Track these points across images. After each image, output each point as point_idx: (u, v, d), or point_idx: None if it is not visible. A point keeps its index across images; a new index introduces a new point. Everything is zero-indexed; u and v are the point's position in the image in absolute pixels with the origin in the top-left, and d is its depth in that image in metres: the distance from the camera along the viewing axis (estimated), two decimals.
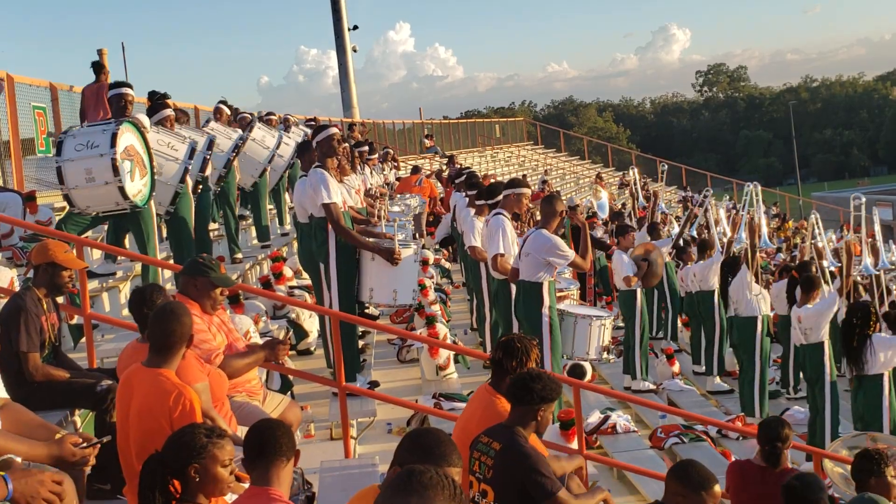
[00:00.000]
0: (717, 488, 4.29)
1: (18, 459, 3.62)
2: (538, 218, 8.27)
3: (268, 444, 3.71)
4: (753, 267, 10.98)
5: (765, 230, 12.65)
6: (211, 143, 9.37)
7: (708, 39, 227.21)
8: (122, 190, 7.29)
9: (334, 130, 8.15)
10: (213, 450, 3.70)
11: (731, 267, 11.48)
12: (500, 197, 8.49)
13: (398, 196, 16.04)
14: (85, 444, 3.77)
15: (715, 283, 12.50)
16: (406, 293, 7.98)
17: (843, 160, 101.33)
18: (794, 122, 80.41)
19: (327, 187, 7.70)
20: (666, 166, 25.11)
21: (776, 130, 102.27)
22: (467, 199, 11.01)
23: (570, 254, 7.76)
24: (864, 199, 12.42)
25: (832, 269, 12.82)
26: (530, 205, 7.77)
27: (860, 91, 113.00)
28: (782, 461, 6.11)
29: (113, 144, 7.23)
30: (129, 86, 8.38)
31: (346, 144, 11.17)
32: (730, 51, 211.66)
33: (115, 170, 7.21)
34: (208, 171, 9.76)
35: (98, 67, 12.61)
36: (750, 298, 10.97)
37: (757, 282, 11.41)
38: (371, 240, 8.04)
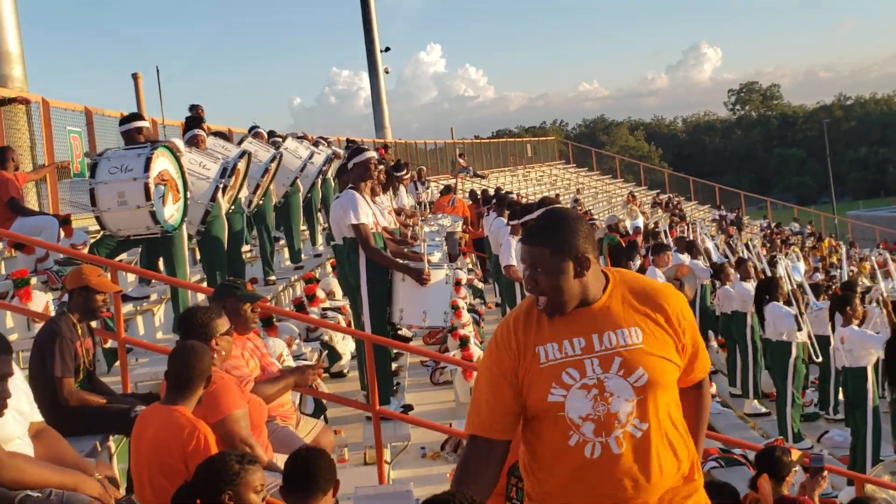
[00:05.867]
0: None
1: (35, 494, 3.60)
2: None
3: (306, 476, 3.64)
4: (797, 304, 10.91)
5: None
6: (243, 155, 9.35)
7: (739, 58, 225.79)
8: (153, 214, 7.29)
9: (372, 155, 8.16)
10: (246, 476, 3.66)
11: (767, 288, 11.32)
12: (531, 217, 8.40)
13: (430, 216, 16.01)
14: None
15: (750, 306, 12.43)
16: (436, 315, 7.90)
17: (879, 178, 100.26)
18: (828, 141, 79.72)
19: (356, 208, 7.68)
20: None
21: (810, 149, 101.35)
22: (502, 219, 10.98)
23: None
24: None
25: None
26: None
27: (895, 109, 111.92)
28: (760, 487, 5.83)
29: (147, 169, 7.23)
30: (142, 117, 8.40)
31: (382, 166, 11.17)
32: (761, 69, 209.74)
33: (148, 194, 7.22)
34: (242, 194, 9.76)
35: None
36: (785, 322, 10.84)
37: (793, 303, 11.28)
38: (402, 261, 8.01)
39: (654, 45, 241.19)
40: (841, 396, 12.40)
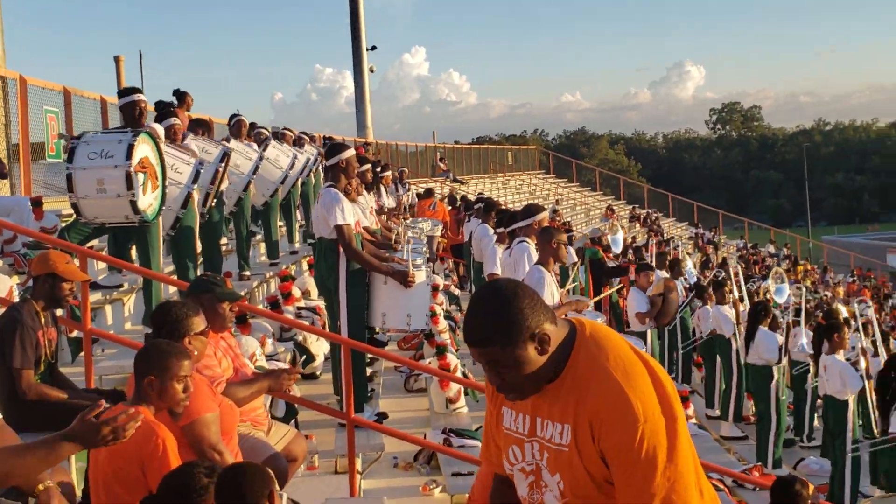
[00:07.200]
0: None
1: None
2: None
3: (235, 495, 3.33)
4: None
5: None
6: (224, 156, 9.05)
7: (722, 78, 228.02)
8: (133, 204, 6.96)
9: (352, 153, 7.87)
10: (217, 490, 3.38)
11: (757, 314, 11.14)
12: (523, 224, 8.15)
13: (410, 219, 15.77)
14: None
15: (731, 328, 12.32)
16: (420, 317, 7.73)
17: (855, 205, 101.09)
18: (806, 165, 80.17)
19: (341, 208, 7.41)
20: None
21: (787, 172, 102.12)
22: (486, 226, 10.75)
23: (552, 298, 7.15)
24: None
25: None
26: (564, 241, 7.35)
27: (873, 136, 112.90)
28: None
29: (129, 157, 6.89)
30: (141, 91, 8.06)
31: (368, 165, 10.93)
32: (744, 90, 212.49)
33: (129, 183, 6.89)
34: (224, 186, 9.49)
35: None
36: (771, 347, 10.68)
37: (775, 329, 11.15)
38: (383, 263, 7.74)
39: (638, 60, 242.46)
40: (817, 423, 12.31)
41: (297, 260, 13.18)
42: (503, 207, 11.87)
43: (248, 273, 10.79)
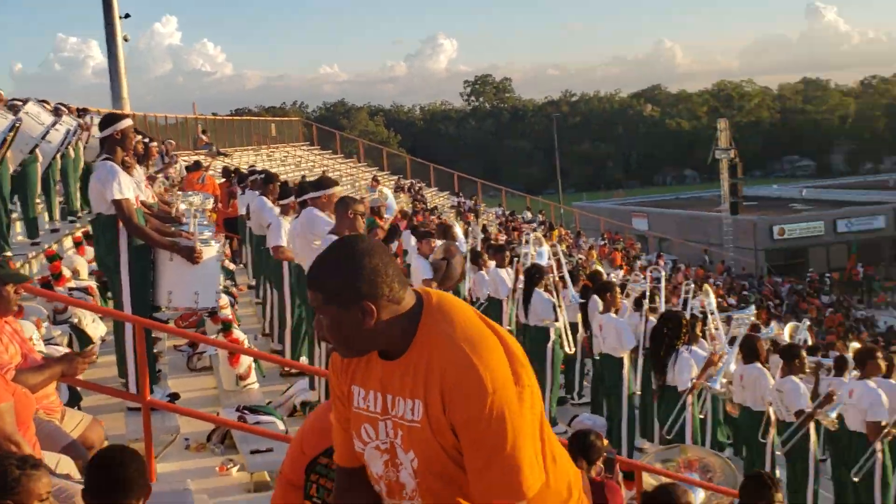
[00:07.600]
0: None
1: None
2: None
3: (119, 481, 3.14)
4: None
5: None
6: None
7: (474, 51, 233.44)
8: None
9: (129, 123, 7.49)
10: (29, 483, 3.16)
11: (532, 276, 11.54)
12: (315, 195, 8.06)
13: (180, 194, 15.23)
14: None
15: (506, 291, 12.68)
16: (209, 295, 7.44)
17: (600, 172, 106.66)
18: (555, 135, 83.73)
19: (119, 182, 7.02)
20: None
21: (537, 142, 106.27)
22: (265, 199, 10.55)
23: None
24: None
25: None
26: (360, 211, 7.33)
27: (616, 107, 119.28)
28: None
29: None
30: None
31: (139, 136, 10.45)
32: (495, 63, 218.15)
33: None
34: None
35: None
36: (547, 308, 11.10)
37: (546, 290, 11.58)
38: (168, 238, 7.43)
39: (394, 33, 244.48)
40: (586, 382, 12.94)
41: (58, 238, 12.45)
42: (278, 180, 11.66)
43: (9, 253, 10.12)
